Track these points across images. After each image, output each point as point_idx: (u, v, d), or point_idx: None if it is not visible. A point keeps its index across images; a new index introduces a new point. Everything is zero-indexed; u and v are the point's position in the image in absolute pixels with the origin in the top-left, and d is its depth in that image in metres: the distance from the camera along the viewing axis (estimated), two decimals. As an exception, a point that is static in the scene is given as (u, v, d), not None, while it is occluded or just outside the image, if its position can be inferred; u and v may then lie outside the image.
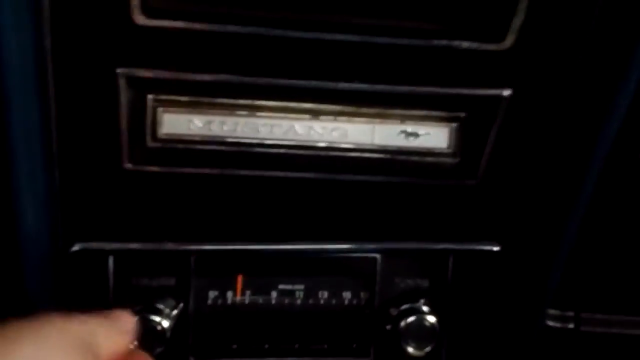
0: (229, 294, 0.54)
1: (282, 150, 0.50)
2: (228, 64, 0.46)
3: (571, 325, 0.62)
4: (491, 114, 0.49)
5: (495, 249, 0.55)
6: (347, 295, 0.56)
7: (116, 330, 0.42)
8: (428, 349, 0.55)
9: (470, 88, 0.48)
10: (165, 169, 0.49)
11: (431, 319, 0.55)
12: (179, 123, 0.48)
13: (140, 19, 0.42)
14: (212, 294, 0.54)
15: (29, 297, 0.49)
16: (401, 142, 0.50)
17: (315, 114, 0.49)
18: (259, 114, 0.49)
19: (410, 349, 0.55)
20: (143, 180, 0.49)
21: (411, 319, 0.55)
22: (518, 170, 0.52)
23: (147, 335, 0.49)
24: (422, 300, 0.56)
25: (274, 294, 0.55)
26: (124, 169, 0.48)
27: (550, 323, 0.62)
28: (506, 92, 0.48)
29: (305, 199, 0.52)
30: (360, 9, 0.46)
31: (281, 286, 0.55)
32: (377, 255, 0.55)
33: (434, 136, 0.51)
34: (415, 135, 0.50)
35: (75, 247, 0.50)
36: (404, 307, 0.55)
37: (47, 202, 0.47)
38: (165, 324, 0.50)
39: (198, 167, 0.49)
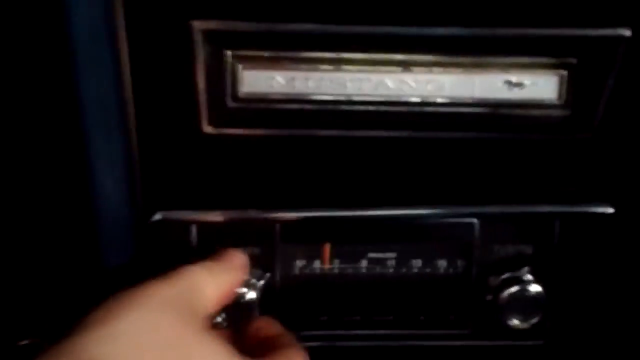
0: (317, 263, 0.52)
1: (371, 107, 0.46)
2: (311, 12, 0.42)
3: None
4: (608, 58, 0.44)
5: (609, 211, 0.50)
6: (442, 263, 0.52)
7: (223, 270, 0.43)
8: (532, 321, 0.51)
9: (583, 29, 0.43)
10: (247, 132, 0.46)
11: (535, 288, 0.51)
12: (261, 80, 0.44)
13: (215, -34, 0.39)
14: (299, 263, 0.52)
15: (108, 271, 0.48)
16: (504, 93, 0.46)
17: (408, 66, 0.45)
18: (345, 67, 0.45)
19: (512, 321, 0.51)
20: (224, 144, 0.46)
21: (513, 289, 0.51)
22: (637, 121, 0.46)
23: (235, 307, 0.47)
24: (525, 269, 0.52)
25: (364, 262, 0.52)
26: (204, 132, 0.45)
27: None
28: (625, 33, 0.43)
29: (396, 160, 0.48)
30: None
31: (371, 254, 0.52)
32: (475, 220, 0.51)
33: (541, 86, 0.46)
34: (521, 85, 0.45)
35: (156, 217, 0.48)
36: (505, 276, 0.51)
37: (125, 170, 0.46)
38: (252, 295, 0.48)
39: (281, 128, 0.46)
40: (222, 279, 0.43)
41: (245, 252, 0.50)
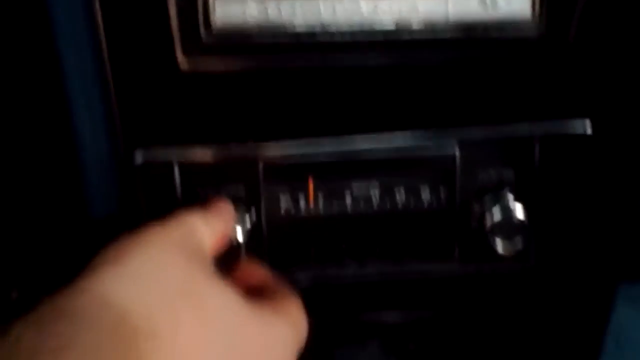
0: (302, 200, 0.52)
1: (347, 37, 0.46)
2: None
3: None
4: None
5: (588, 129, 0.50)
6: (425, 194, 0.52)
7: (215, 219, 0.43)
8: (518, 245, 0.52)
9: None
10: (222, 65, 0.45)
11: (519, 212, 0.51)
12: (233, 11, 0.44)
13: None
14: (284, 201, 0.52)
15: (93, 215, 0.47)
16: (479, 14, 0.45)
17: (381, -13, 0.44)
18: (318, -8, 0.44)
19: (498, 247, 0.51)
20: (200, 80, 0.46)
21: (497, 214, 0.51)
22: (613, 34, 0.46)
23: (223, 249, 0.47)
24: (507, 193, 0.52)
25: (348, 197, 0.52)
26: (180, 68, 0.44)
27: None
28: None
29: (374, 88, 0.48)
30: None
31: (355, 188, 0.52)
32: (456, 147, 0.51)
33: (515, 4, 0.45)
34: (495, 4, 0.45)
35: (138, 157, 0.47)
36: (488, 201, 0.51)
37: (103, 111, 0.45)
38: (239, 235, 0.48)
39: (257, 60, 0.46)
40: (215, 227, 0.43)
41: (229, 192, 0.50)
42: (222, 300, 0.37)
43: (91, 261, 0.34)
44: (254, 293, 0.42)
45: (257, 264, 0.49)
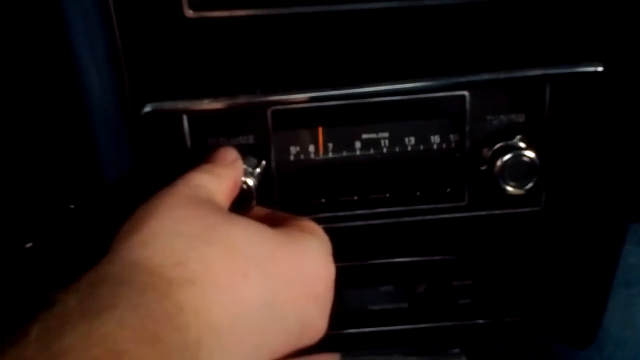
0: (312, 148, 0.52)
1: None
2: None
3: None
4: None
5: (599, 69, 0.50)
6: (435, 139, 0.52)
7: (222, 169, 0.44)
8: (527, 187, 0.51)
9: None
10: (229, 13, 0.45)
11: (529, 154, 0.50)
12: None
13: None
14: (294, 149, 0.52)
15: (104, 168, 0.48)
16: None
17: None
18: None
19: (509, 188, 0.51)
20: (207, 28, 0.45)
21: (507, 157, 0.50)
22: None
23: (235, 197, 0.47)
24: (517, 137, 0.51)
25: (358, 144, 0.52)
26: (186, 17, 0.44)
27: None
28: None
29: (384, 34, 0.48)
30: None
31: (365, 135, 0.52)
32: (466, 92, 0.50)
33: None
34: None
35: (147, 109, 0.47)
36: (499, 146, 0.51)
37: (110, 62, 0.45)
38: (251, 182, 0.48)
39: (265, 7, 0.45)
40: (223, 177, 0.44)
41: (239, 142, 0.50)
42: (246, 233, 0.38)
43: (116, 235, 0.36)
44: (276, 224, 0.43)
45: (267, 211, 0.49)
